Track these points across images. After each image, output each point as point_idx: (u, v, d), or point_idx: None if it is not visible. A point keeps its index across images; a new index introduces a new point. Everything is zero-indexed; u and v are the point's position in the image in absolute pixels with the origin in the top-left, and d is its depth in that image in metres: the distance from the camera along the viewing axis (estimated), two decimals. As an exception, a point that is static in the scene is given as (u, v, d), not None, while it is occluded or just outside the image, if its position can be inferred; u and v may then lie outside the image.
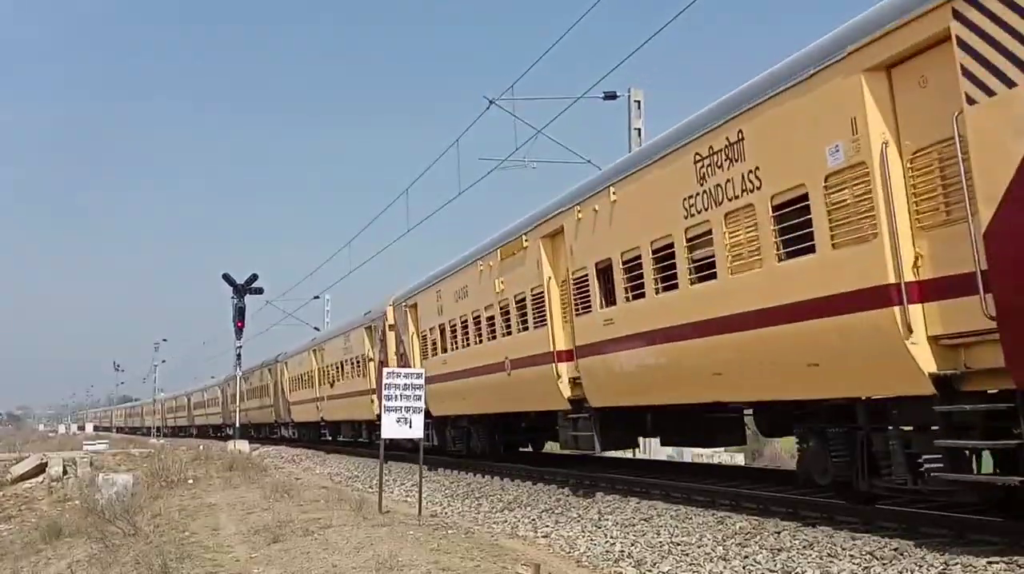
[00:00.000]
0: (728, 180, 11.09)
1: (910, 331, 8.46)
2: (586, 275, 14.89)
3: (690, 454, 26.42)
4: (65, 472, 27.22)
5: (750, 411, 14.10)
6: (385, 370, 14.52)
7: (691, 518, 11.65)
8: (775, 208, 10.32)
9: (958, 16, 7.91)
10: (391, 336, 27.23)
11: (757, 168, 10.61)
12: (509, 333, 18.52)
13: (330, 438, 40.09)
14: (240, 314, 43.30)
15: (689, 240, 11.93)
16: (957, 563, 7.79)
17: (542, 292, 16.57)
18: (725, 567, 8.79)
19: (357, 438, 35.49)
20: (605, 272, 14.28)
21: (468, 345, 21.02)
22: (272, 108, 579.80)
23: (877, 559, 8.34)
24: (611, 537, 11.04)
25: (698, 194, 11.68)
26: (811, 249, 9.73)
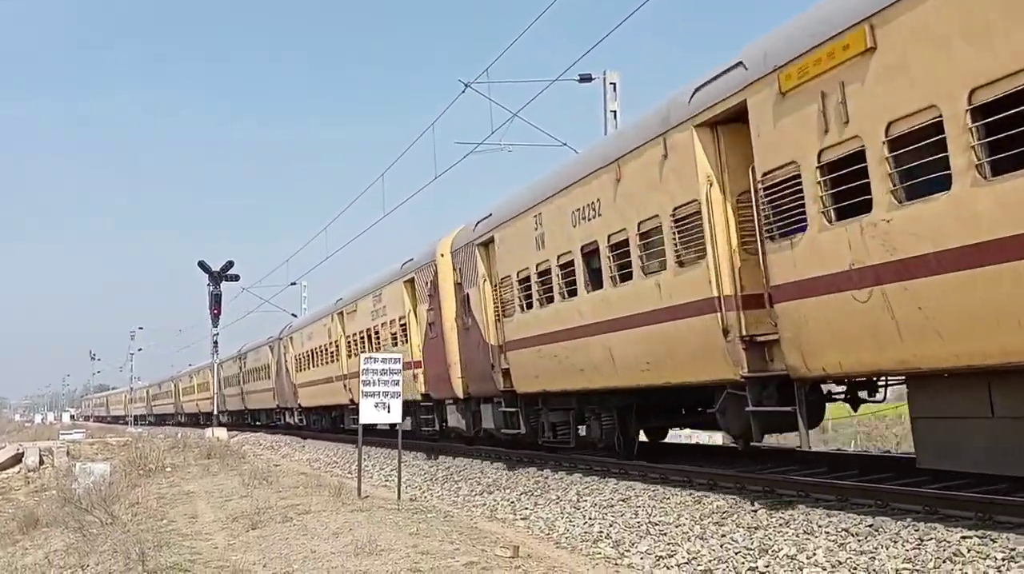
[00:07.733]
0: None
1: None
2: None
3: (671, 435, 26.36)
4: (42, 462, 27.07)
5: None
6: (362, 355, 14.52)
7: (669, 498, 11.70)
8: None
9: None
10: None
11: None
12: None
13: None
14: (216, 302, 43.13)
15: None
16: (931, 538, 7.87)
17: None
18: (703, 546, 8.85)
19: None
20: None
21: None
22: (245, 95, 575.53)
23: (852, 535, 8.42)
24: (589, 518, 11.09)
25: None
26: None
